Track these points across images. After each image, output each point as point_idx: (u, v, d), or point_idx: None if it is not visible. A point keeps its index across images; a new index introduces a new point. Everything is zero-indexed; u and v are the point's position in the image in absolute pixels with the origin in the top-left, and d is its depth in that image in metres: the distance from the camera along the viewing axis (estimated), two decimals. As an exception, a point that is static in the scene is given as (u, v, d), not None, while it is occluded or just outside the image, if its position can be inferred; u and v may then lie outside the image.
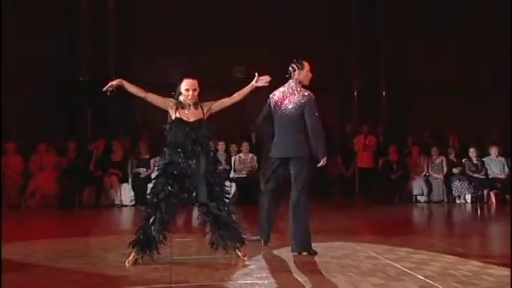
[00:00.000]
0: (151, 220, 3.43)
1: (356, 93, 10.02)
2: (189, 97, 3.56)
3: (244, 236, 3.68)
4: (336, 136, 9.55)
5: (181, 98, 3.59)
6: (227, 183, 6.98)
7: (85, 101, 8.90)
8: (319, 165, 3.90)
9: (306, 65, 4.01)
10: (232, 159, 8.27)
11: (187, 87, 3.57)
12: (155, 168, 5.13)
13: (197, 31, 9.44)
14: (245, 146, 8.32)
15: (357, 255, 3.79)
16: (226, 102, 3.71)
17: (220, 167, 3.95)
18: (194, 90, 3.57)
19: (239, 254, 3.64)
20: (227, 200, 3.65)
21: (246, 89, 3.74)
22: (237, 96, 3.73)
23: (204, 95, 3.68)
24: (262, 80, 3.74)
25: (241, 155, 8.30)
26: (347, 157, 8.92)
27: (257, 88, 3.77)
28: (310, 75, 4.03)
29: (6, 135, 7.96)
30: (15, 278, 3.23)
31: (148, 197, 3.63)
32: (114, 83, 3.53)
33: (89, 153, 7.93)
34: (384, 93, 9.97)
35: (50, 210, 7.22)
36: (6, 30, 8.54)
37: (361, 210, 7.63)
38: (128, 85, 3.57)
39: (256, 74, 3.74)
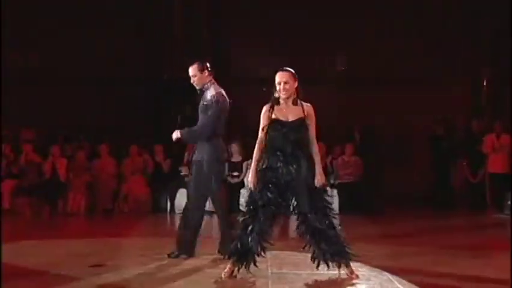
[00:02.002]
0: (249, 229, 3.55)
1: (485, 82, 9.36)
2: (281, 91, 3.64)
3: (350, 251, 3.66)
4: (461, 135, 9.00)
5: (276, 94, 3.69)
6: (328, 190, 6.99)
7: (173, 101, 9.52)
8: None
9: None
10: (334, 162, 8.25)
11: (278, 80, 3.65)
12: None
13: (288, 25, 9.57)
14: (349, 147, 8.24)
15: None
16: (312, 146, 3.64)
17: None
18: (285, 83, 3.62)
19: (345, 271, 3.64)
20: (329, 210, 3.64)
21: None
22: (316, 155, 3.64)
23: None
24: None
25: (344, 157, 8.24)
26: (474, 161, 8.36)
27: None
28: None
29: (98, 138, 8.85)
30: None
31: (243, 204, 3.78)
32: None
33: (180, 156, 8.48)
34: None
35: (142, 214, 7.86)
36: (95, 31, 9.49)
37: (494, 227, 7.08)
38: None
39: None
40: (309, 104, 3.70)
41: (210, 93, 4.37)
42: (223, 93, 4.42)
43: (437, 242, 5.32)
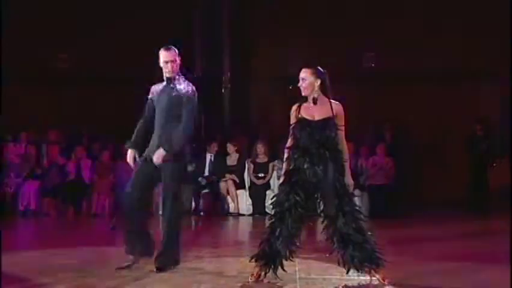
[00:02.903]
0: (276, 233, 3.56)
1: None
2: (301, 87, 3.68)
3: (381, 257, 3.61)
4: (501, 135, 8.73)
5: None
6: (357, 192, 6.95)
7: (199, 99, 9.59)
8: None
9: None
10: (364, 163, 8.18)
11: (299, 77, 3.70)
12: (278, 174, 5.33)
13: (318, 17, 9.52)
14: (380, 148, 8.16)
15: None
16: (341, 146, 3.62)
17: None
18: (302, 80, 3.65)
19: (377, 277, 3.60)
20: (358, 214, 3.61)
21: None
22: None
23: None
24: None
25: (375, 158, 8.16)
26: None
27: None
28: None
29: (122, 138, 8.98)
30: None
31: (269, 206, 3.79)
32: None
33: (202, 157, 8.54)
34: None
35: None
36: (130, 30, 9.65)
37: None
38: None
39: None
40: (338, 103, 3.67)
41: (185, 85, 4.07)
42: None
43: (468, 249, 5.17)
